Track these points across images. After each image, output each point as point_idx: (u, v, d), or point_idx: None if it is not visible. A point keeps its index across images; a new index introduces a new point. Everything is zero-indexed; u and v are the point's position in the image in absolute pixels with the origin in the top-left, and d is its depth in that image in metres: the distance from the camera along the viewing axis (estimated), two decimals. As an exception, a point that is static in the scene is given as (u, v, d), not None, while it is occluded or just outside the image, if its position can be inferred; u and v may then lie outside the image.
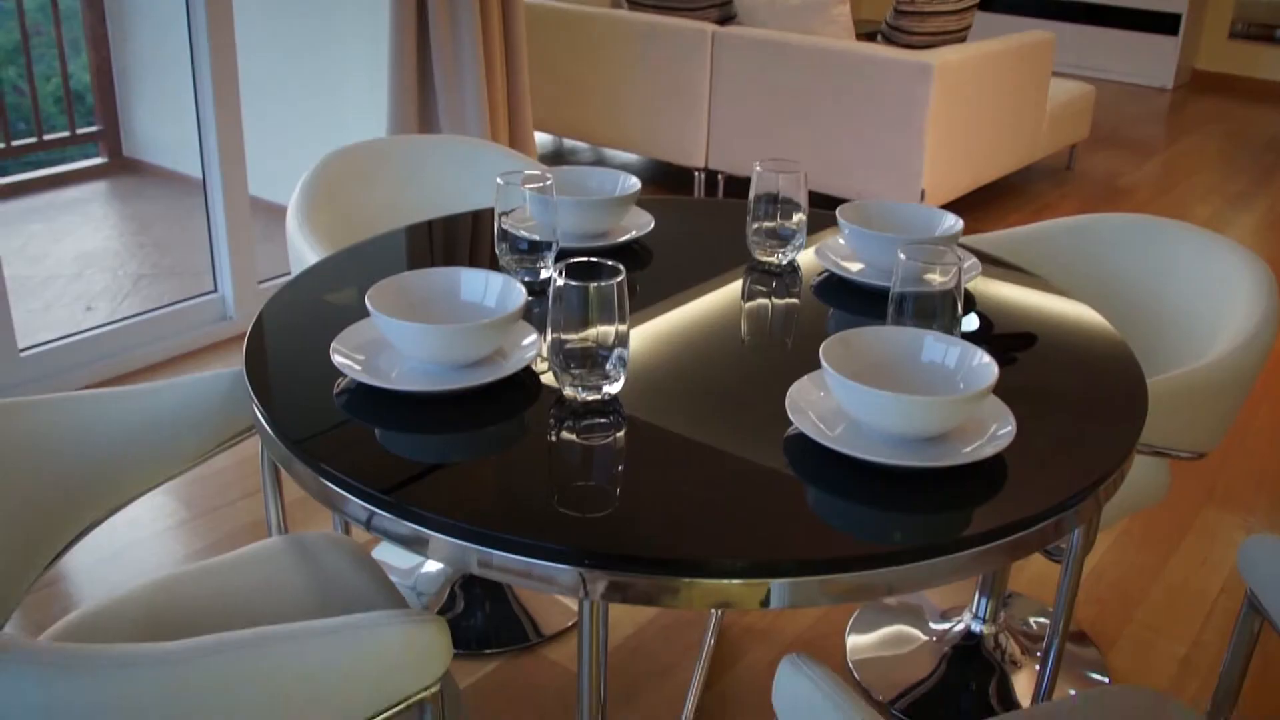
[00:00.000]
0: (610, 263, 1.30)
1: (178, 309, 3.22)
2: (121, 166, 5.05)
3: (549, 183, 1.58)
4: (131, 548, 2.37)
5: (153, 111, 4.98)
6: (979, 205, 4.85)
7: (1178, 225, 2.05)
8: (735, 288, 1.70)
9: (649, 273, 1.75)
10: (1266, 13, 7.45)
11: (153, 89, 4.94)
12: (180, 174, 4.82)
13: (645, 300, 1.64)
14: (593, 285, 1.26)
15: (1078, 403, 1.38)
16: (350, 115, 4.01)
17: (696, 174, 4.76)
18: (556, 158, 5.39)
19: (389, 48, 3.60)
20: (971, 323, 1.61)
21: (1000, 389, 1.35)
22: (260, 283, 3.38)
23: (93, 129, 5.02)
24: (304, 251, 1.89)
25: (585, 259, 1.31)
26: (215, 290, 3.33)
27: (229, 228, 3.26)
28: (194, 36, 3.12)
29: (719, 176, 4.75)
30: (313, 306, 1.58)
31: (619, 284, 1.27)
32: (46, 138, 4.87)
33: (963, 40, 4.53)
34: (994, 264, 1.86)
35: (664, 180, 5.08)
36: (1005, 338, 1.57)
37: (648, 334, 1.53)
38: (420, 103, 3.72)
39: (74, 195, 4.81)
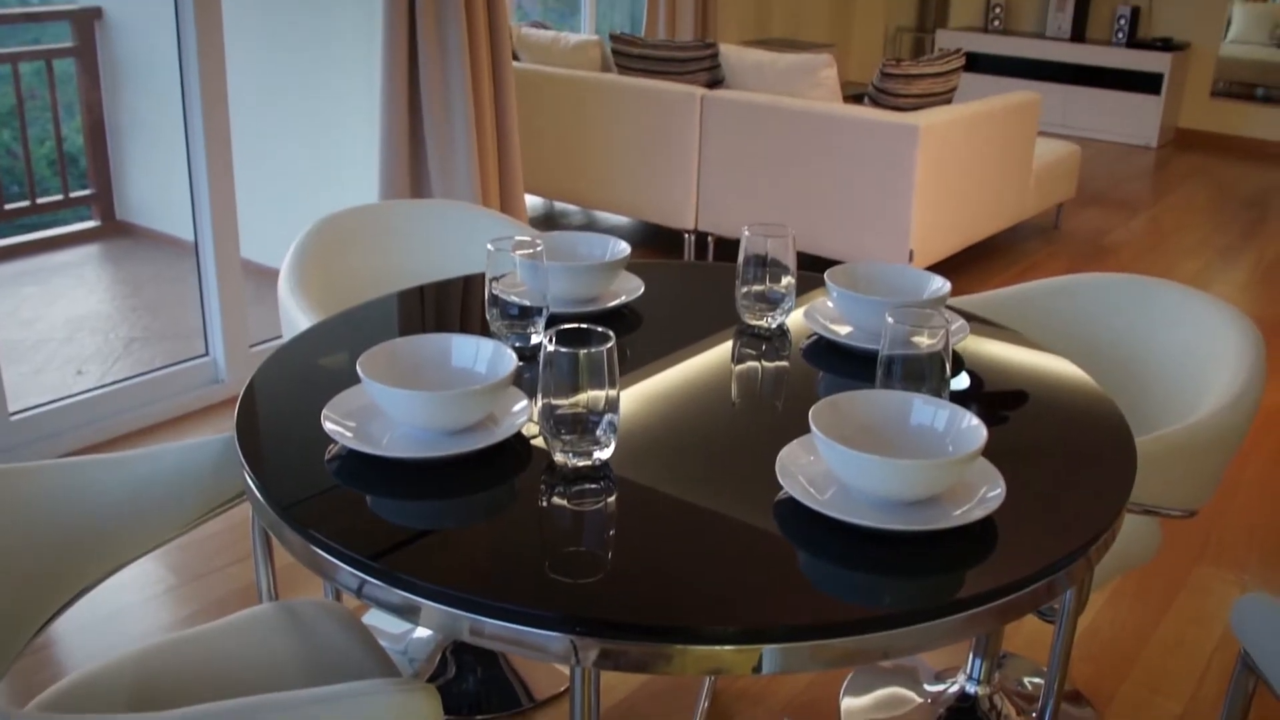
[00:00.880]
0: (600, 329, 1.31)
1: (169, 372, 3.22)
2: (114, 230, 5.07)
3: (539, 249, 1.60)
4: (121, 613, 2.35)
5: (146, 175, 5.01)
6: (967, 265, 4.89)
7: (1163, 284, 2.07)
8: (725, 351, 1.71)
9: (639, 337, 1.76)
10: (1247, 71, 7.57)
11: (146, 153, 4.98)
12: (172, 237, 4.84)
13: (635, 364, 1.65)
14: (583, 351, 1.27)
15: (1067, 463, 1.39)
16: (342, 180, 4.04)
17: (686, 236, 4.79)
18: (547, 220, 5.43)
19: (380, 112, 3.64)
20: (961, 382, 1.62)
21: (989, 450, 1.35)
22: (252, 346, 3.39)
23: (86, 192, 5.05)
24: (296, 316, 1.90)
25: (575, 325, 1.32)
26: (206, 354, 3.34)
27: (221, 291, 3.27)
28: (187, 102, 3.15)
29: (709, 238, 4.78)
30: (304, 372, 1.59)
31: (609, 350, 1.28)
32: (39, 201, 4.90)
33: (949, 101, 4.59)
34: (982, 324, 1.88)
35: (654, 242, 5.11)
36: (994, 398, 1.58)
37: (638, 398, 1.53)
38: (411, 167, 3.75)
39: (66, 258, 4.83)
